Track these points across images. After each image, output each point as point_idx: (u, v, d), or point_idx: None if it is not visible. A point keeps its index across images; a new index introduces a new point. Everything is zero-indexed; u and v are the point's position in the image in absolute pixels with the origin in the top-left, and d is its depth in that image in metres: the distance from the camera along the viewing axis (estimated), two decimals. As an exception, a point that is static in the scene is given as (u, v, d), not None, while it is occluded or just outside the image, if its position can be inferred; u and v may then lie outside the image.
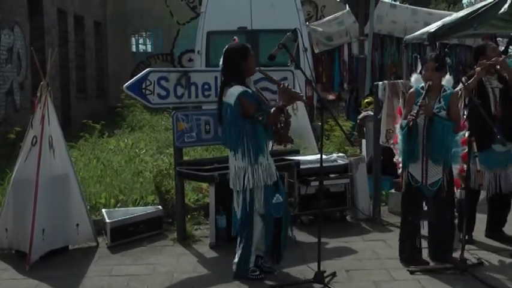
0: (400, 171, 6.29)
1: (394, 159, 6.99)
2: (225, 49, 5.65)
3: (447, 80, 6.11)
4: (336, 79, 15.81)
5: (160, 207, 7.33)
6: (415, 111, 5.69)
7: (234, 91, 5.47)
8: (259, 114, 5.42)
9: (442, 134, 5.77)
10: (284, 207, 5.70)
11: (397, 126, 6.39)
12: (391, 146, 7.32)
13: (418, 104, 5.72)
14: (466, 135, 6.16)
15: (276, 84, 5.70)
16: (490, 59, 6.38)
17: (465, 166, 6.03)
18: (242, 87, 5.50)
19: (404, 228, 6.06)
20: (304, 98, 5.87)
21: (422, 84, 5.97)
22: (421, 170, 5.86)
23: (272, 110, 5.49)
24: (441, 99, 5.85)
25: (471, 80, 6.29)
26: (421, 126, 5.78)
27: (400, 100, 7.22)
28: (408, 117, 5.73)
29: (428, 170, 5.84)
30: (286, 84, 5.65)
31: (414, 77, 6.34)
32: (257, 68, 5.72)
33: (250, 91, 5.56)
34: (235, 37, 6.19)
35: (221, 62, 5.66)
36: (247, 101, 5.46)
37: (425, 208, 6.20)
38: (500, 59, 6.41)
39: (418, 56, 7.81)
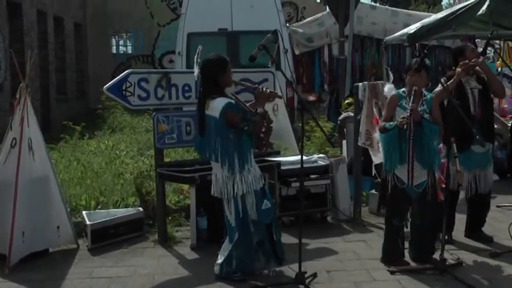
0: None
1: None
2: (203, 61, 5.67)
3: (388, 88, 6.35)
4: (317, 80, 15.85)
5: (141, 209, 7.30)
6: (407, 115, 5.72)
7: (219, 104, 5.46)
8: (245, 124, 5.43)
9: (429, 137, 5.82)
10: (272, 212, 5.74)
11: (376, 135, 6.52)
12: (368, 147, 7.39)
13: (409, 107, 5.74)
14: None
15: (252, 90, 5.73)
16: (469, 60, 6.43)
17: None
18: (225, 98, 5.50)
19: (388, 230, 6.07)
20: (282, 96, 5.88)
21: (404, 89, 6.00)
22: (407, 172, 5.90)
23: (256, 118, 5.49)
24: (423, 103, 5.90)
25: (451, 81, 6.33)
26: (406, 129, 5.82)
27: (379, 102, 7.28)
28: (400, 120, 5.73)
29: (414, 172, 5.87)
30: (261, 88, 5.67)
31: (387, 87, 6.42)
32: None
33: (233, 102, 5.55)
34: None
35: (196, 72, 5.68)
36: (233, 112, 5.45)
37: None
38: (480, 59, 6.47)
39: (389, 68, 7.83)
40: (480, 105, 6.49)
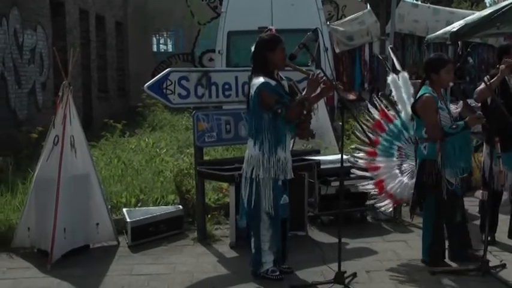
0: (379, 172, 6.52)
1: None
2: (257, 39, 5.66)
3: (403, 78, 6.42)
4: (357, 79, 15.77)
5: (180, 206, 7.34)
6: (480, 115, 5.70)
7: (256, 82, 5.48)
8: (278, 107, 5.42)
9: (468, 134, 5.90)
10: (288, 207, 5.72)
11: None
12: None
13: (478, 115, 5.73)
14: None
15: (306, 76, 5.69)
16: None
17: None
18: (265, 78, 5.48)
19: (437, 232, 5.98)
20: (336, 86, 5.84)
21: (430, 88, 5.90)
22: (455, 171, 5.87)
23: (293, 103, 5.47)
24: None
25: (494, 79, 6.23)
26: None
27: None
28: (473, 120, 5.68)
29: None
30: (316, 74, 5.59)
31: (403, 77, 6.35)
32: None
33: (272, 83, 5.52)
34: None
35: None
36: (267, 93, 5.44)
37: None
38: None
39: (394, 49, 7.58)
40: None
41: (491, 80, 6.19)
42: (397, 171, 6.41)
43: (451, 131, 5.73)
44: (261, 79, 5.47)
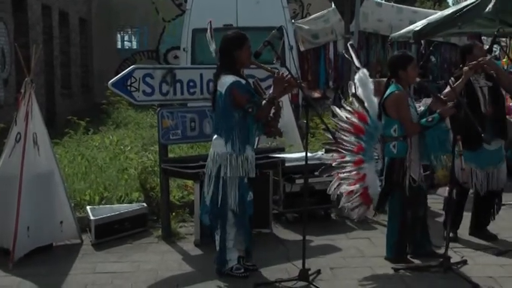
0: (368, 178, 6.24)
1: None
2: (222, 37, 5.65)
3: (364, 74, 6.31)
4: (322, 77, 15.83)
5: (145, 204, 7.31)
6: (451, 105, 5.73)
7: (226, 80, 5.47)
8: (249, 106, 5.42)
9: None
10: (253, 204, 5.73)
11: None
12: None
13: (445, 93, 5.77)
14: None
15: (271, 74, 5.70)
16: (477, 59, 6.42)
17: None
18: (234, 77, 5.49)
19: (404, 229, 6.03)
20: (301, 85, 5.85)
21: (399, 86, 5.97)
22: (418, 169, 5.95)
23: (263, 102, 5.48)
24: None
25: (459, 81, 6.31)
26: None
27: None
28: (447, 109, 5.71)
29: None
30: (281, 73, 5.60)
31: (363, 73, 6.33)
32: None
33: (242, 82, 5.54)
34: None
35: (213, 48, 5.70)
36: (239, 91, 5.45)
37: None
38: (487, 58, 6.44)
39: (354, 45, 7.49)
40: (491, 102, 6.46)
41: (457, 83, 6.27)
42: (376, 175, 6.22)
43: (427, 124, 5.80)
44: (231, 78, 5.47)
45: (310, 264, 5.69)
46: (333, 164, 6.28)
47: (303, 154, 5.70)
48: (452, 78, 6.43)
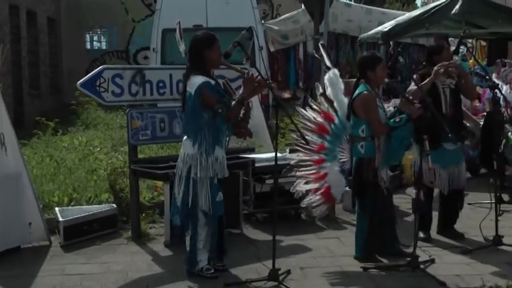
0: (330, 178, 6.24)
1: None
2: (192, 37, 5.64)
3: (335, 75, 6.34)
4: (291, 77, 15.90)
5: (114, 205, 7.27)
6: (419, 105, 5.77)
7: (196, 81, 5.46)
8: (219, 107, 5.42)
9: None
10: (223, 204, 5.73)
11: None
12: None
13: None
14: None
15: (241, 74, 5.71)
16: (445, 60, 6.51)
17: None
18: (204, 77, 5.48)
19: (373, 229, 6.07)
20: (271, 86, 5.87)
21: (368, 86, 6.02)
22: (386, 169, 6.02)
23: (232, 103, 5.48)
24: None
25: (426, 81, 6.37)
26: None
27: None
28: (414, 109, 5.75)
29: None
30: (250, 74, 5.59)
31: (334, 73, 6.36)
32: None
33: (212, 82, 5.54)
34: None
35: (182, 48, 5.68)
36: (208, 92, 5.44)
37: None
38: (455, 61, 6.54)
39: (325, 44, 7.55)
40: (451, 104, 6.57)
41: (424, 82, 6.33)
42: (340, 175, 6.25)
43: (395, 124, 5.85)
44: (201, 78, 5.46)
45: (280, 264, 5.71)
46: (291, 163, 6.32)
47: (273, 154, 5.72)
48: (415, 76, 6.51)
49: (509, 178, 8.52)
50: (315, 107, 6.31)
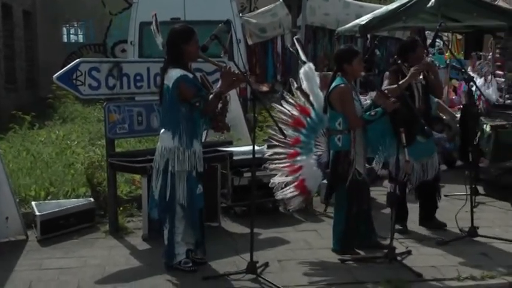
0: (303, 171, 6.29)
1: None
2: (170, 30, 5.64)
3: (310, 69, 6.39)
4: (270, 71, 15.91)
5: (92, 199, 7.25)
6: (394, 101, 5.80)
7: (174, 74, 5.46)
8: (196, 100, 5.43)
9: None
10: (204, 197, 5.74)
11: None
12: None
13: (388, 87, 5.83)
14: None
15: (218, 68, 5.71)
16: (419, 57, 6.62)
17: None
18: (182, 70, 5.48)
19: (350, 221, 6.11)
20: (249, 80, 5.89)
21: (344, 79, 6.05)
22: (363, 161, 6.05)
23: (210, 97, 5.49)
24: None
25: (403, 80, 6.41)
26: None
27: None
28: (390, 103, 5.80)
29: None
30: (228, 67, 5.59)
31: (309, 67, 6.41)
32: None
33: (190, 76, 5.54)
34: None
35: (160, 41, 5.67)
36: (186, 85, 5.44)
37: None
38: (428, 60, 6.62)
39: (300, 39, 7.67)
40: (423, 99, 6.70)
41: (401, 82, 6.36)
42: (316, 167, 6.29)
43: (370, 117, 5.89)
44: (179, 71, 5.46)
45: (259, 256, 5.73)
46: (265, 156, 6.36)
47: (251, 147, 5.72)
48: (387, 73, 6.61)
49: (485, 170, 8.60)
50: (290, 100, 6.33)
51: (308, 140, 6.27)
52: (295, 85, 6.38)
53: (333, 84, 6.06)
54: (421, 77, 6.64)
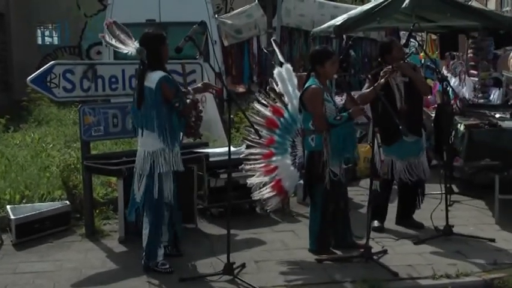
0: (278, 172, 6.34)
1: None
2: (143, 35, 5.72)
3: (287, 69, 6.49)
4: (246, 72, 15.91)
5: (67, 202, 7.20)
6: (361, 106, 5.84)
7: (156, 76, 5.53)
8: (176, 101, 5.51)
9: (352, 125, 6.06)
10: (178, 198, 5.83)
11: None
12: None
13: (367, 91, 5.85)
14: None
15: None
16: (395, 58, 6.65)
17: None
18: (162, 72, 5.57)
19: (324, 221, 6.13)
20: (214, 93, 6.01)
21: (316, 80, 6.08)
22: (338, 162, 6.05)
23: (188, 101, 5.59)
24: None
25: (377, 83, 6.45)
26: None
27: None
28: (356, 111, 5.82)
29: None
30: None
31: (286, 68, 6.47)
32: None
33: (170, 77, 5.64)
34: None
35: (133, 47, 5.68)
36: (167, 85, 5.54)
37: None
38: (402, 63, 6.65)
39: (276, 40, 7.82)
40: (406, 99, 6.68)
41: (376, 84, 6.40)
42: (293, 167, 6.34)
43: (335, 122, 5.91)
44: (160, 73, 5.56)
45: (235, 258, 5.73)
46: (241, 156, 6.41)
47: (227, 149, 5.72)
48: (368, 76, 6.64)
49: (459, 169, 8.67)
50: (263, 101, 6.37)
51: (283, 140, 6.31)
52: (273, 86, 6.41)
53: (306, 85, 6.09)
54: (399, 78, 6.65)
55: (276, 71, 6.44)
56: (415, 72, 6.86)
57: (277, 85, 6.40)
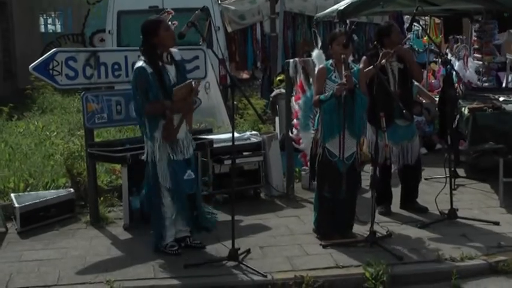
0: (302, 146, 7.11)
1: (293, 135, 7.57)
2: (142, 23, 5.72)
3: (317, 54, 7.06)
4: (249, 58, 15.84)
5: (72, 190, 7.20)
6: (343, 82, 5.79)
7: (136, 66, 5.63)
8: (138, 94, 5.58)
9: (360, 107, 5.96)
10: (196, 183, 5.76)
11: (300, 102, 7.31)
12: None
13: (344, 74, 5.80)
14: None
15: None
16: (394, 42, 6.69)
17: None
18: (144, 63, 5.56)
19: (321, 204, 6.15)
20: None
21: (331, 61, 6.10)
22: (338, 144, 5.98)
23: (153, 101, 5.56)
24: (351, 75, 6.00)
25: (377, 62, 6.45)
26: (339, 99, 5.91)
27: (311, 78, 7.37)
28: (337, 87, 5.81)
29: (345, 143, 5.96)
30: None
31: (316, 53, 6.82)
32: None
33: (149, 70, 5.53)
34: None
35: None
36: (138, 77, 5.57)
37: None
38: (402, 47, 6.71)
39: (316, 31, 8.12)
40: (400, 84, 6.72)
41: (376, 63, 6.40)
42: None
43: (324, 98, 5.99)
44: (140, 63, 5.59)
45: (240, 243, 5.74)
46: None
47: (231, 135, 5.72)
48: (364, 57, 6.68)
49: (464, 152, 8.66)
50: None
51: (304, 120, 7.17)
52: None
53: None
54: (395, 63, 6.68)
55: (314, 54, 7.02)
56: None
57: (315, 66, 6.60)
